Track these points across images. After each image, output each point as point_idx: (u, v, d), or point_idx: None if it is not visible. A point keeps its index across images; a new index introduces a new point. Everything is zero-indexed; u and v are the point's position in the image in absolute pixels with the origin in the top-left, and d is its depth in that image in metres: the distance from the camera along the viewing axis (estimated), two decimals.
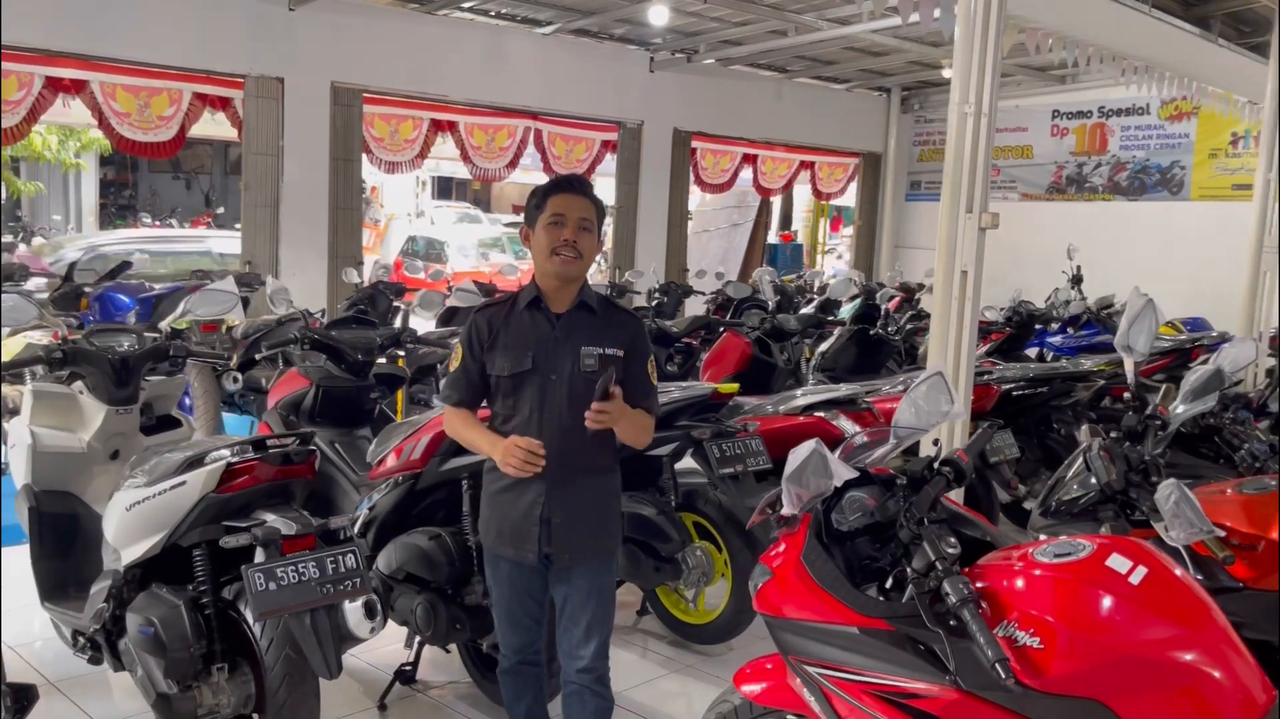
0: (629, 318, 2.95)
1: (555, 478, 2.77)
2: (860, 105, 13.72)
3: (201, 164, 29.35)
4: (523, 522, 2.82)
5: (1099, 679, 2.02)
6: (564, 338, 2.80)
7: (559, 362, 2.79)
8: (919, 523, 2.36)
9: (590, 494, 2.87)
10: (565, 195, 2.80)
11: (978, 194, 4.42)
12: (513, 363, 2.80)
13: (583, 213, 2.79)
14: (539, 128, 10.92)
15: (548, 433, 2.76)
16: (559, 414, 2.77)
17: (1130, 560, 2.13)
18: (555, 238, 2.76)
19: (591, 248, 2.83)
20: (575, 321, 2.82)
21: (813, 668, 2.40)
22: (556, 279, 2.81)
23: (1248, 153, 11.19)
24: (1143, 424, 3.24)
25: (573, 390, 2.77)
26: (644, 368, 2.88)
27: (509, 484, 2.83)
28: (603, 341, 2.80)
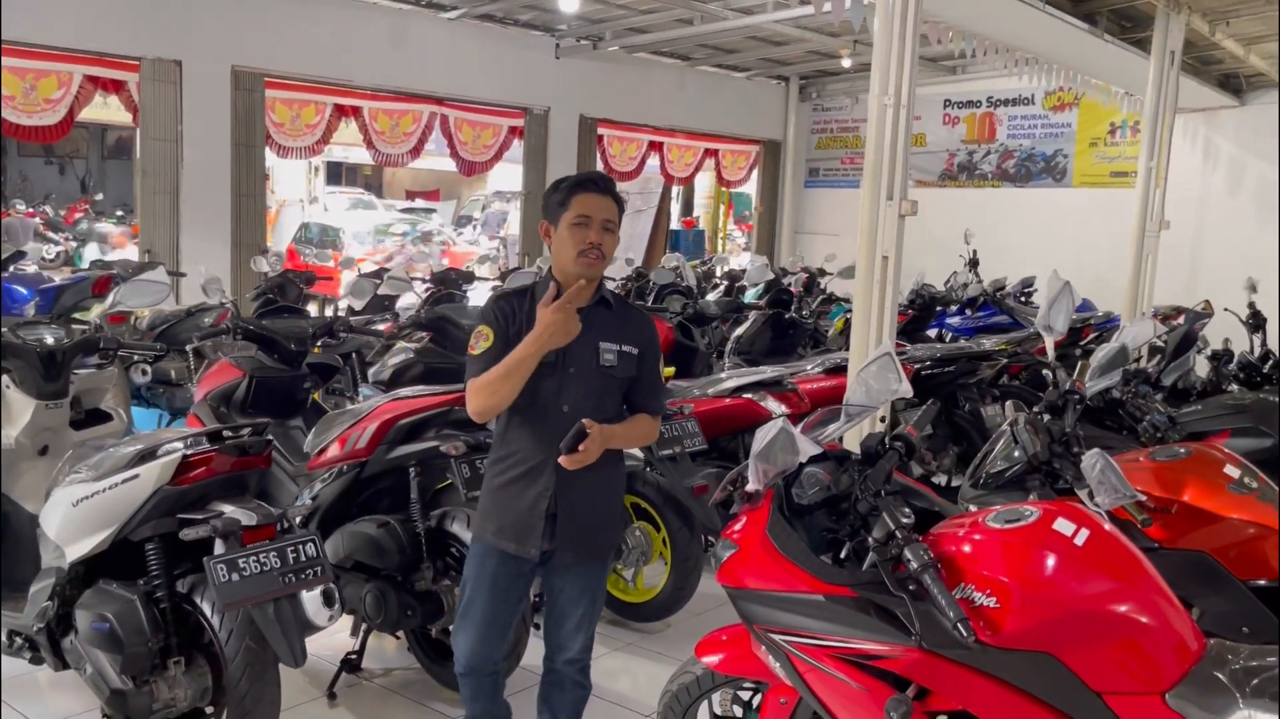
0: (644, 318, 2.98)
1: (564, 472, 2.74)
2: (760, 93, 13.96)
3: (76, 148, 28.07)
4: (528, 515, 2.79)
5: (1049, 633, 2.19)
6: (583, 333, 2.77)
7: (577, 356, 2.78)
8: (876, 495, 2.50)
9: (597, 489, 2.85)
10: (591, 195, 2.77)
11: (897, 182, 4.61)
12: None
13: (607, 214, 2.78)
14: (444, 113, 10.83)
15: (561, 425, 2.73)
16: (573, 407, 2.76)
17: (1074, 524, 2.31)
18: (581, 240, 2.74)
19: (613, 247, 2.83)
20: (595, 317, 2.81)
21: (778, 635, 2.53)
22: (579, 278, 2.78)
23: (1125, 142, 11.81)
24: (1062, 399, 3.46)
25: (589, 384, 2.78)
26: (656, 368, 2.92)
27: (515, 476, 2.80)
28: (621, 338, 2.82)
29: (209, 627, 2.97)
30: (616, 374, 2.83)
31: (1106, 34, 7.58)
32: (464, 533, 3.61)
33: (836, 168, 14.14)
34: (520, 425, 2.81)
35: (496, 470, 2.87)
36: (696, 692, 2.95)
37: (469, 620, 2.86)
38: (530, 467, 2.80)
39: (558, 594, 2.91)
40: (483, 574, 2.85)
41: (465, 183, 30.20)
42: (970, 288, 9.18)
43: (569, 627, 2.93)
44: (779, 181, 14.30)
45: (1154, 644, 2.18)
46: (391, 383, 4.91)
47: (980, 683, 2.24)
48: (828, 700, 2.48)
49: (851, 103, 13.87)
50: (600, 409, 2.80)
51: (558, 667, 2.97)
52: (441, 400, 3.68)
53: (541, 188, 11.63)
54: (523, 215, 11.74)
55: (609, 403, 2.85)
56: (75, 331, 3.68)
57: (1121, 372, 4.10)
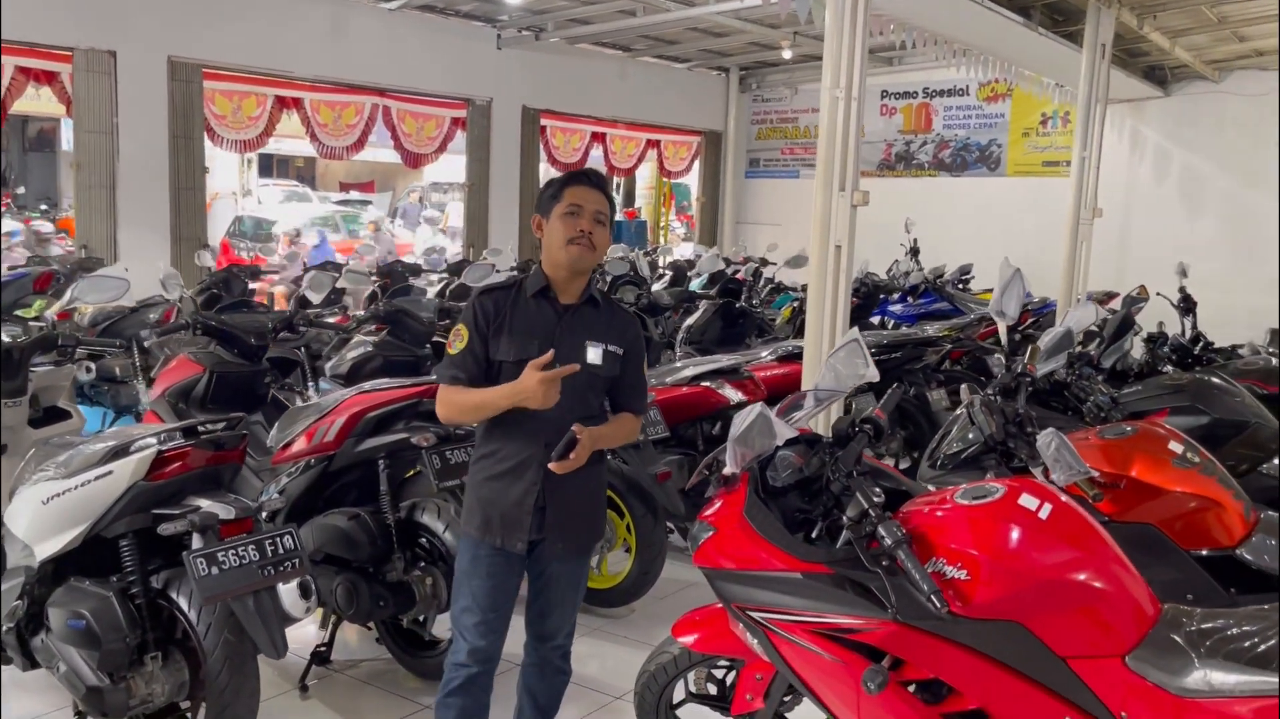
0: (631, 318, 2.98)
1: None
2: (701, 84, 14.06)
3: None
4: (515, 509, 2.79)
5: (1017, 603, 2.30)
6: (570, 330, 2.80)
7: (564, 352, 2.76)
8: (848, 476, 2.60)
9: (583, 483, 2.85)
10: (583, 188, 2.80)
11: (849, 173, 4.72)
12: (518, 349, 2.77)
13: (598, 206, 2.80)
14: (387, 105, 10.76)
15: (546, 422, 2.74)
16: (560, 404, 2.73)
17: (1037, 499, 2.43)
18: (572, 228, 2.75)
19: (604, 241, 2.83)
20: (582, 315, 2.83)
21: (756, 613, 2.61)
22: (568, 270, 2.79)
23: (1056, 132, 12.14)
24: (1015, 381, 3.59)
25: (575, 382, 2.76)
26: (640, 368, 2.94)
27: (501, 471, 2.80)
28: (607, 337, 2.83)
29: (186, 621, 2.97)
30: (601, 373, 2.84)
31: (1040, 27, 7.79)
32: (434, 523, 3.65)
33: (777, 158, 14.30)
34: (506, 422, 2.80)
35: (482, 467, 2.86)
36: (674, 670, 3.03)
37: (470, 614, 2.83)
38: (517, 462, 2.80)
39: (545, 585, 2.93)
40: (477, 568, 2.84)
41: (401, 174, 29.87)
42: (912, 276, 9.39)
43: (555, 616, 2.96)
44: (720, 172, 14.43)
45: (1114, 610, 2.31)
46: (350, 376, 4.89)
47: (952, 652, 2.35)
48: (805, 674, 2.57)
49: (791, 93, 14.05)
50: (585, 407, 2.82)
51: (542, 653, 3.00)
52: (410, 393, 3.70)
53: (485, 179, 11.63)
54: (466, 207, 11.70)
55: (593, 400, 2.87)
56: (33, 329, 3.63)
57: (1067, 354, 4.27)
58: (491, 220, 11.71)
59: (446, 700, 2.88)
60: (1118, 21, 7.97)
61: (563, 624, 3.01)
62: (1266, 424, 4.05)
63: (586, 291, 2.88)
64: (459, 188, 26.70)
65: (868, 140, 13.52)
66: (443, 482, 3.59)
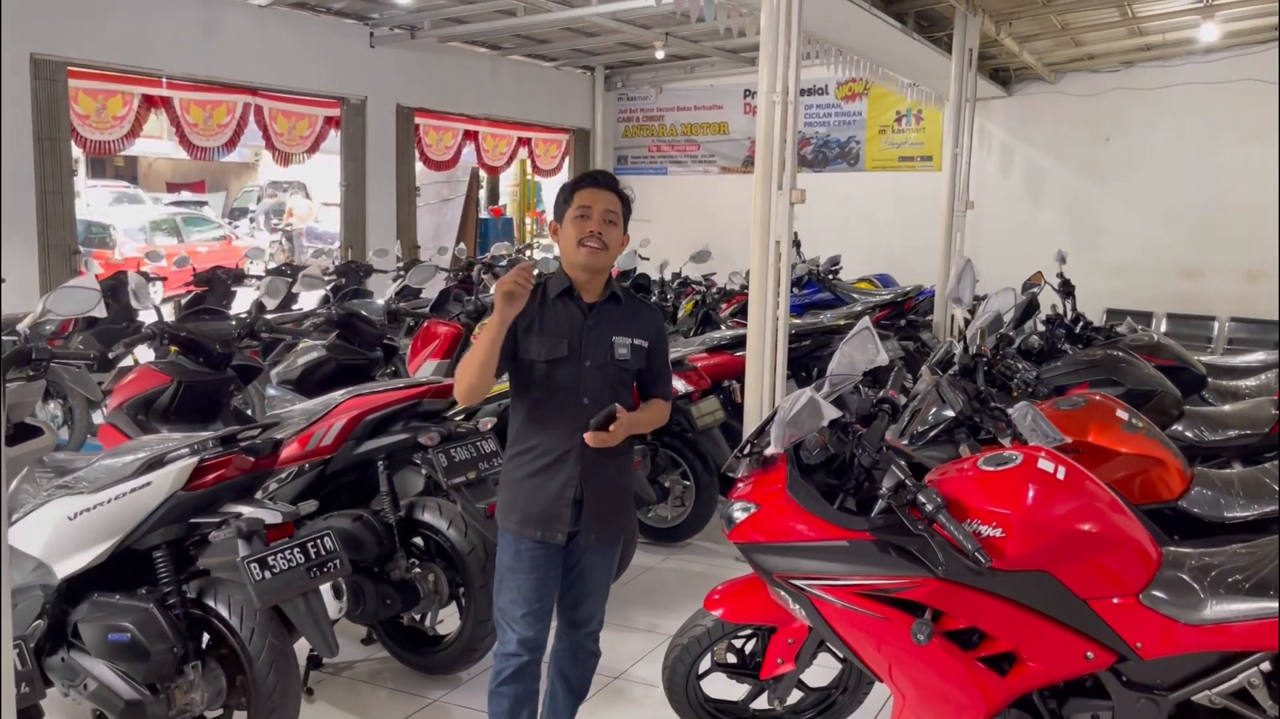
0: (653, 312, 3.14)
1: (588, 460, 2.90)
2: (568, 83, 14.21)
3: None
4: (554, 503, 2.91)
5: (1045, 554, 2.62)
6: (595, 327, 2.93)
7: (592, 349, 2.92)
8: (878, 451, 2.87)
9: (615, 475, 3.02)
10: (591, 189, 2.94)
11: (787, 173, 5.02)
12: (549, 349, 2.89)
13: (608, 205, 2.92)
14: (259, 104, 10.46)
15: (581, 416, 2.87)
16: (592, 399, 2.90)
17: (1052, 463, 2.76)
18: (582, 230, 2.88)
19: (617, 240, 2.95)
20: (606, 312, 2.97)
21: (800, 581, 2.85)
22: (584, 270, 2.92)
23: (910, 129, 12.89)
24: (972, 361, 3.96)
25: (605, 377, 2.92)
26: (664, 357, 3.12)
27: (540, 467, 2.92)
28: (631, 332, 2.98)
29: (226, 628, 2.99)
30: (629, 366, 3.00)
31: (915, 33, 8.33)
32: (437, 521, 3.74)
33: (644, 155, 14.61)
34: (542, 419, 2.94)
35: (520, 463, 2.97)
36: (707, 641, 3.25)
37: (518, 606, 2.94)
38: (555, 457, 2.93)
39: (580, 575, 3.06)
40: (520, 562, 2.95)
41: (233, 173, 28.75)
42: (797, 268, 9.81)
43: (588, 604, 3.11)
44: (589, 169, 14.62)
45: (1126, 554, 2.66)
46: (300, 381, 4.88)
47: (988, 602, 2.65)
48: (848, 633, 2.83)
49: (656, 92, 14.37)
50: (616, 398, 2.96)
51: (576, 639, 3.14)
52: (408, 394, 3.77)
53: (361, 179, 11.45)
54: (343, 208, 11.49)
55: (623, 393, 3.02)
56: (5, 344, 3.51)
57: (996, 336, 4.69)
58: (369, 221, 11.55)
59: (500, 690, 2.99)
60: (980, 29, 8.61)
61: (595, 611, 3.16)
62: (1170, 392, 4.58)
63: (608, 289, 3.04)
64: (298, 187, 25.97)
65: (731, 138, 14.02)
66: (450, 478, 3.68)
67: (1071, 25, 9.59)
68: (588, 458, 2.92)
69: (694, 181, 14.25)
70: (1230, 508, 3.43)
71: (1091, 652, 2.63)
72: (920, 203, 12.45)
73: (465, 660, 3.85)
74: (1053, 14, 9.01)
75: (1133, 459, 3.54)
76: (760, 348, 5.13)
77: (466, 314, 5.64)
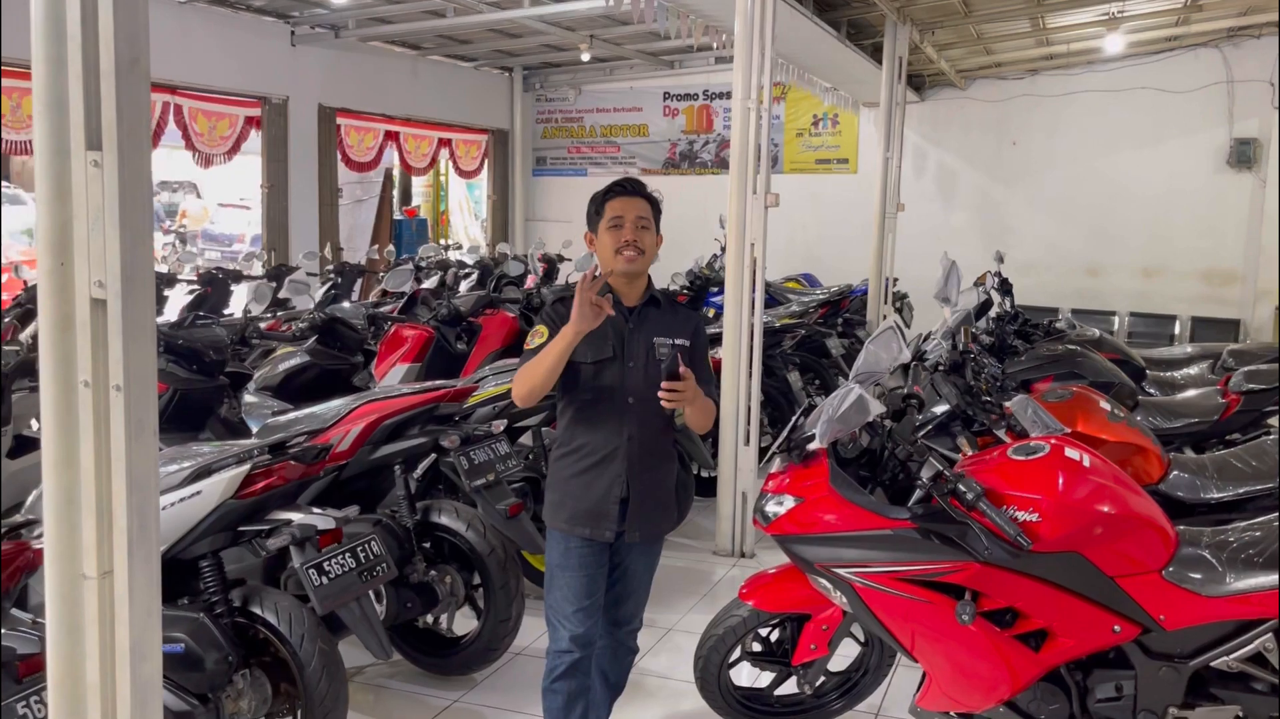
0: (691, 314, 3.25)
1: (634, 459, 2.99)
2: (486, 84, 14.17)
3: None
4: (602, 501, 2.99)
5: (1077, 536, 2.82)
6: (638, 330, 3.03)
7: (635, 350, 3.01)
8: (913, 444, 3.04)
9: (660, 474, 3.11)
10: (621, 199, 3.04)
11: (761, 177, 5.18)
12: (595, 351, 2.97)
13: (639, 212, 3.03)
14: (178, 103, 10.17)
15: (626, 416, 2.98)
16: (636, 399, 2.99)
17: (1078, 452, 2.97)
18: (617, 239, 2.99)
19: (651, 243, 3.06)
20: (647, 315, 3.07)
21: (841, 569, 2.99)
22: (622, 276, 3.03)
23: (826, 132, 13.25)
24: (961, 359, 4.17)
25: (649, 377, 2.99)
26: (705, 358, 3.18)
27: (588, 466, 3.00)
28: (671, 333, 3.06)
29: (275, 635, 2.98)
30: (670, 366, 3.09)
31: (847, 41, 8.61)
32: (455, 523, 3.77)
33: (564, 157, 14.65)
34: (589, 419, 3.02)
35: (567, 462, 3.05)
36: (742, 630, 3.37)
37: (569, 603, 3.01)
38: (602, 456, 3.01)
39: (623, 573, 3.14)
40: (569, 559, 3.02)
41: None
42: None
43: (630, 602, 3.20)
44: (509, 170, 14.60)
45: (1148, 534, 2.88)
46: (282, 387, 4.82)
47: (1025, 583, 2.84)
48: (890, 618, 2.99)
49: (575, 94, 14.43)
50: (657, 401, 2.99)
51: (617, 637, 3.22)
52: (426, 398, 3.78)
53: (284, 180, 11.23)
54: (265, 210, 11.25)
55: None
56: (10, 354, 3.42)
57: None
58: (291, 223, 11.33)
59: (554, 686, 3.06)
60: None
61: (637, 610, 3.25)
62: (1126, 383, 4.89)
63: (648, 293, 3.14)
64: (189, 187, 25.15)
65: (651, 140, 14.18)
66: (473, 480, 3.72)
67: (986, 35, 10.04)
68: (634, 457, 3.01)
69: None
70: (1207, 490, 3.72)
71: (1119, 625, 2.85)
72: (836, 204, 12.84)
73: (483, 661, 3.89)
74: (972, 24, 9.41)
75: (1118, 447, 3.79)
76: (736, 348, 5.28)
77: (436, 318, 5.64)
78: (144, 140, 1.73)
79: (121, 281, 1.70)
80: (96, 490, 1.77)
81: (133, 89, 1.71)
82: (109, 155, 1.69)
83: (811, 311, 8.17)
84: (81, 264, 1.74)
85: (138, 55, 1.72)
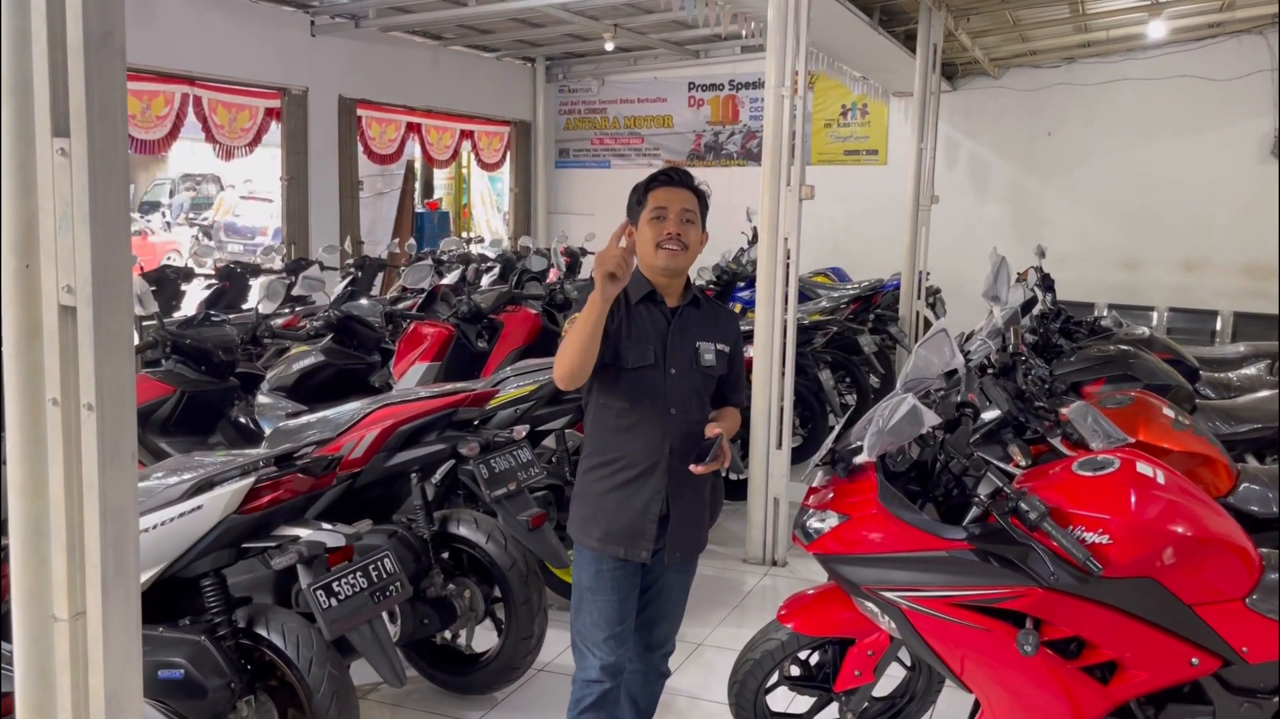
0: (730, 314, 3.04)
1: (675, 472, 2.76)
2: (509, 74, 13.96)
3: None
4: (639, 519, 2.76)
5: (1151, 561, 2.58)
6: (681, 332, 2.81)
7: (677, 356, 2.79)
8: (967, 457, 2.80)
9: (701, 488, 2.89)
10: (666, 189, 2.80)
11: (795, 168, 4.94)
12: (636, 356, 2.75)
13: (685, 204, 2.79)
14: (198, 94, 10.01)
15: (668, 427, 2.76)
16: (679, 408, 2.77)
17: (1151, 467, 2.72)
18: (659, 232, 2.75)
19: (696, 239, 2.82)
20: (689, 316, 2.85)
21: (890, 592, 2.77)
22: (664, 274, 2.79)
23: (855, 123, 12.96)
24: (1011, 361, 3.92)
25: (691, 384, 2.79)
26: (741, 363, 3.00)
27: (625, 480, 2.77)
28: (714, 337, 2.86)
29: (281, 658, 2.79)
30: (714, 373, 2.87)
31: (880, 28, 8.34)
32: (474, 535, 3.57)
33: (587, 148, 14.43)
34: (627, 429, 2.78)
35: (601, 474, 2.82)
36: (781, 654, 3.14)
37: (599, 629, 2.79)
38: (641, 470, 2.78)
39: (657, 594, 2.92)
40: (601, 583, 2.79)
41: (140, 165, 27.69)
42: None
43: (664, 625, 2.98)
44: (531, 162, 14.39)
45: (1229, 559, 2.64)
46: (296, 387, 4.63)
47: (1094, 611, 2.61)
48: (943, 645, 2.76)
49: (598, 85, 14.20)
50: (700, 408, 2.85)
51: (649, 661, 3.00)
52: (444, 403, 3.58)
53: (303, 172, 11.06)
54: (285, 203, 11.10)
55: (704, 401, 2.89)
56: None
57: None
58: (312, 216, 11.17)
59: (581, 717, 2.85)
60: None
61: (671, 632, 3.03)
62: (1183, 386, 4.63)
63: (689, 292, 2.91)
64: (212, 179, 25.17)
65: (676, 131, 13.92)
66: (493, 490, 3.51)
67: (1023, 21, 9.73)
68: (676, 472, 2.78)
69: (638, 175, 13.79)
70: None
71: (1196, 658, 2.61)
72: (866, 196, 12.54)
73: (504, 679, 3.69)
74: (1008, 9, 9.11)
75: (1184, 458, 3.54)
76: (768, 347, 5.05)
77: (457, 315, 5.43)
78: (118, 126, 1.52)
79: (93, 286, 1.50)
80: (67, 522, 1.57)
81: (105, 67, 1.50)
82: (78, 143, 1.49)
83: (843, 307, 7.92)
84: (49, 266, 1.53)
85: (111, 29, 1.51)
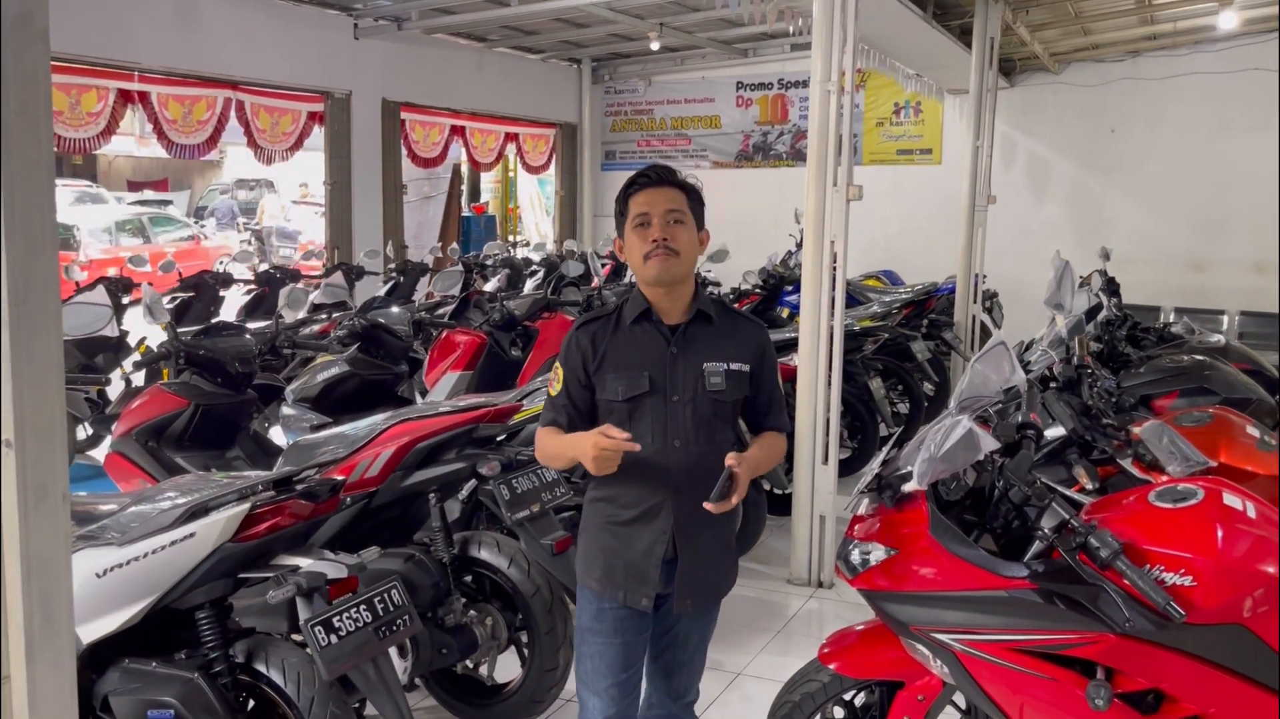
0: (754, 327, 2.65)
1: (682, 512, 2.47)
2: (554, 76, 13.81)
3: None
4: (643, 560, 2.49)
5: (1241, 605, 2.29)
6: (682, 353, 2.49)
7: (680, 381, 2.48)
8: (1029, 484, 2.52)
9: (717, 529, 2.56)
10: (646, 192, 2.49)
11: (843, 169, 4.68)
12: (627, 385, 2.46)
13: (669, 204, 2.47)
14: (240, 98, 9.97)
15: (672, 462, 2.47)
16: (685, 441, 2.47)
17: (1240, 499, 2.42)
18: (645, 241, 2.45)
19: (690, 240, 2.50)
20: (694, 334, 2.52)
21: (945, 635, 2.50)
22: (659, 285, 2.48)
23: (909, 121, 12.60)
24: (1076, 374, 3.63)
25: (698, 413, 2.48)
26: (774, 381, 2.63)
27: (628, 519, 2.50)
28: (726, 355, 2.51)
29: (281, 697, 2.59)
30: (727, 398, 2.52)
31: (934, 22, 8.02)
32: (497, 559, 3.36)
33: (633, 150, 14.22)
34: (626, 465, 2.42)
35: (601, 510, 2.56)
36: (822, 698, 2.88)
37: (602, 676, 2.54)
38: (645, 508, 2.49)
39: (671, 642, 2.65)
40: (602, 623, 2.54)
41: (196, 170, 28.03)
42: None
43: (684, 674, 2.71)
44: (577, 165, 14.22)
45: None
46: (321, 398, 4.46)
47: (1174, 660, 2.32)
48: (1002, 694, 2.49)
49: (645, 85, 13.99)
50: (713, 440, 2.52)
51: (671, 711, 2.72)
52: (464, 419, 3.38)
53: (346, 176, 10.99)
54: (329, 207, 11.03)
55: (724, 431, 2.55)
56: None
57: None
58: (355, 220, 11.09)
59: None
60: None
61: (692, 681, 2.75)
62: (1265, 400, 4.28)
63: (694, 306, 2.56)
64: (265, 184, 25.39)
65: (724, 132, 13.66)
66: (515, 513, 3.30)
67: (1085, 13, 9.34)
68: (683, 511, 2.48)
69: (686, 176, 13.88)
70: None
71: None
72: (919, 197, 12.18)
73: (528, 713, 3.47)
74: (1069, 2, 8.74)
75: (1270, 482, 3.23)
76: (814, 355, 4.79)
77: (490, 323, 5.24)
78: (41, 120, 1.32)
79: (11, 305, 1.29)
80: None
81: (22, 52, 1.29)
82: None
83: (895, 312, 7.61)
84: None
85: (30, 10, 1.30)
